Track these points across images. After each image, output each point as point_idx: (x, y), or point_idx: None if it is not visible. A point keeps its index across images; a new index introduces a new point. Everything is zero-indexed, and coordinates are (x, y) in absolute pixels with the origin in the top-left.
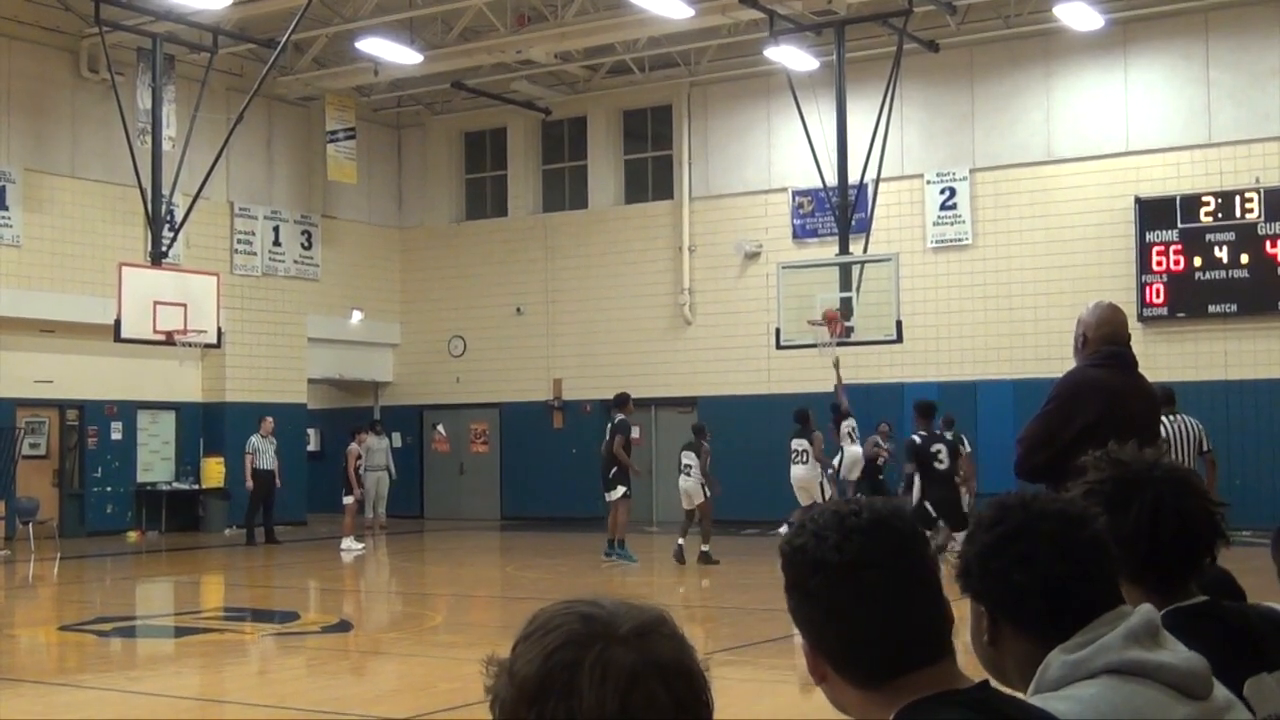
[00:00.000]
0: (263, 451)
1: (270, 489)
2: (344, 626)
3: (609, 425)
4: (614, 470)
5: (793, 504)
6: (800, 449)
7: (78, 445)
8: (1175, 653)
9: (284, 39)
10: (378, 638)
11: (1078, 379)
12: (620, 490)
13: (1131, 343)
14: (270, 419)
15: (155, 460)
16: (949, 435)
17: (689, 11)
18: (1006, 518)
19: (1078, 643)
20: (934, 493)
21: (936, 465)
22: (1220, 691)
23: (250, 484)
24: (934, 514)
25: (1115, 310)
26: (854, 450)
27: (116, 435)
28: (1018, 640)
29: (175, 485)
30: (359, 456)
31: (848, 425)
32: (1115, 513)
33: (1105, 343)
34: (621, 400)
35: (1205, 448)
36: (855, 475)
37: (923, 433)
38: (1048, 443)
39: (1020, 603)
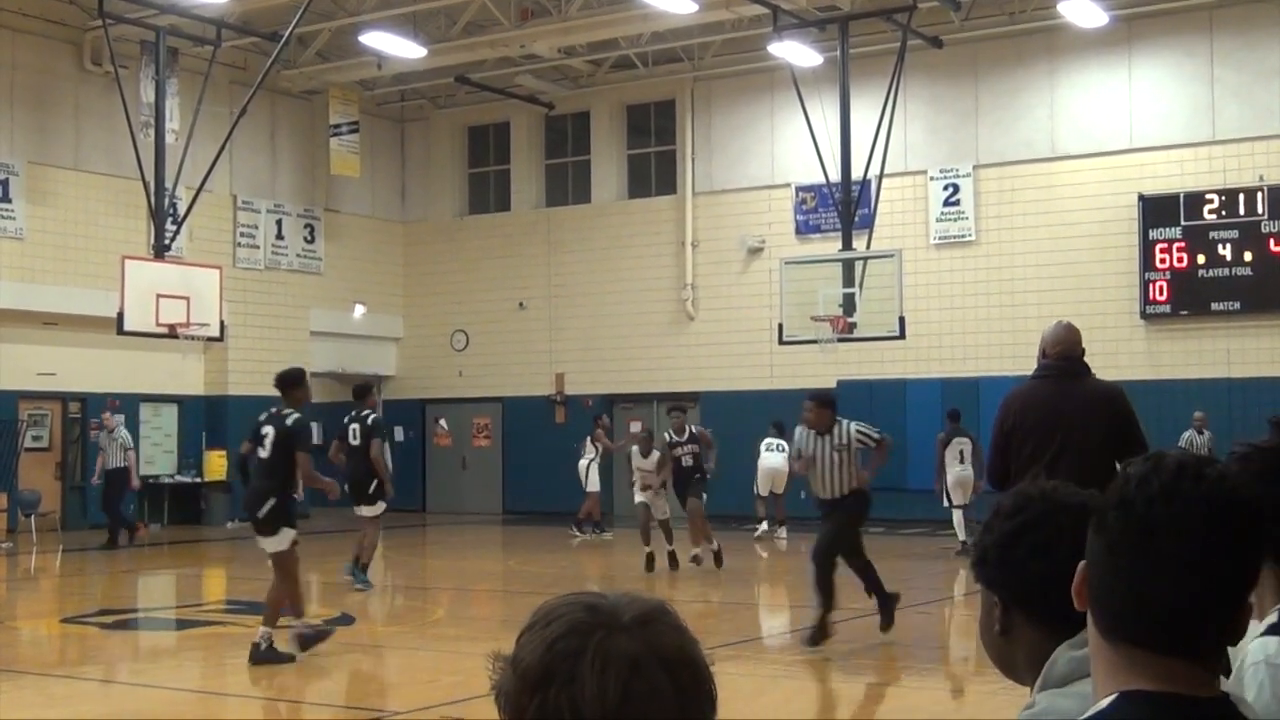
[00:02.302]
0: (105, 449)
1: (117, 488)
2: (346, 620)
3: (357, 424)
4: (375, 484)
5: (791, 499)
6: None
7: (80, 438)
8: None
9: (287, 32)
10: (380, 631)
11: (1006, 395)
12: (381, 506)
13: (1085, 355)
14: (108, 414)
15: (158, 453)
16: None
17: (693, 6)
18: (1027, 507)
19: (1086, 638)
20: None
21: None
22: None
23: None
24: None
25: (1070, 330)
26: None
27: None
28: (1030, 631)
29: (177, 478)
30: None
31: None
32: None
33: (1057, 358)
34: (365, 390)
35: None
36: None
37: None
38: (993, 454)
39: (1036, 593)
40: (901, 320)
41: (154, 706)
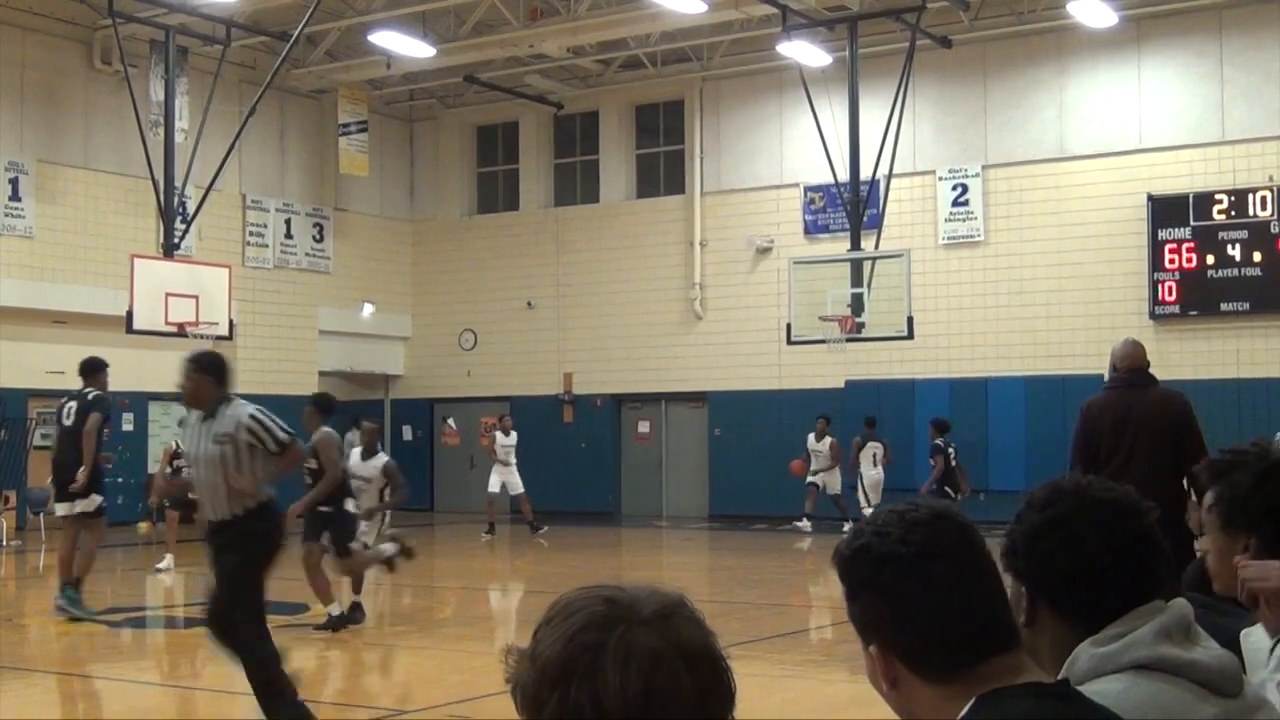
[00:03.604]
0: None
1: None
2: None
3: (74, 401)
4: (81, 470)
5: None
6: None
7: None
8: (1207, 650)
9: (297, 32)
10: (387, 630)
11: (1085, 404)
12: (96, 500)
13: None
14: None
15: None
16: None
17: (702, 6)
18: (1059, 500)
19: (1109, 635)
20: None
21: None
22: (1250, 690)
23: None
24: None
25: (1136, 345)
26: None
27: (128, 426)
28: (1055, 623)
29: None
30: (175, 453)
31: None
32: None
33: (1126, 370)
34: (93, 367)
35: None
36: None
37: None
38: (1075, 458)
39: (1062, 586)
40: (910, 320)
41: (163, 704)
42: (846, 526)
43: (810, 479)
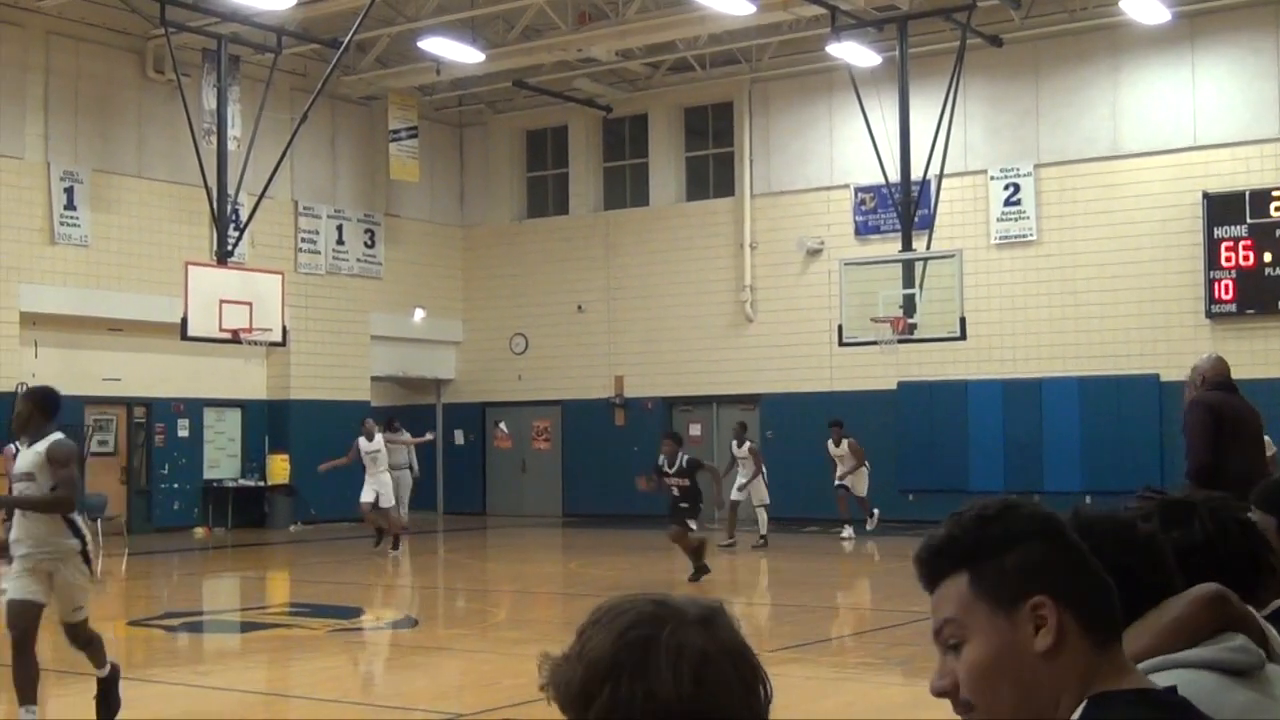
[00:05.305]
0: None
1: None
2: (409, 622)
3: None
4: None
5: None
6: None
7: (145, 442)
8: (1219, 642)
9: (347, 39)
10: (442, 634)
11: (1210, 403)
12: None
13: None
14: None
15: (221, 457)
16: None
17: (750, 8)
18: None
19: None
20: None
21: None
22: (1272, 669)
23: None
24: None
25: (1223, 360)
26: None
27: (183, 432)
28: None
29: (241, 482)
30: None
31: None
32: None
33: (1223, 378)
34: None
35: None
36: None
37: None
38: (1206, 450)
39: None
40: (962, 321)
41: (220, 708)
42: (864, 525)
43: (838, 483)
